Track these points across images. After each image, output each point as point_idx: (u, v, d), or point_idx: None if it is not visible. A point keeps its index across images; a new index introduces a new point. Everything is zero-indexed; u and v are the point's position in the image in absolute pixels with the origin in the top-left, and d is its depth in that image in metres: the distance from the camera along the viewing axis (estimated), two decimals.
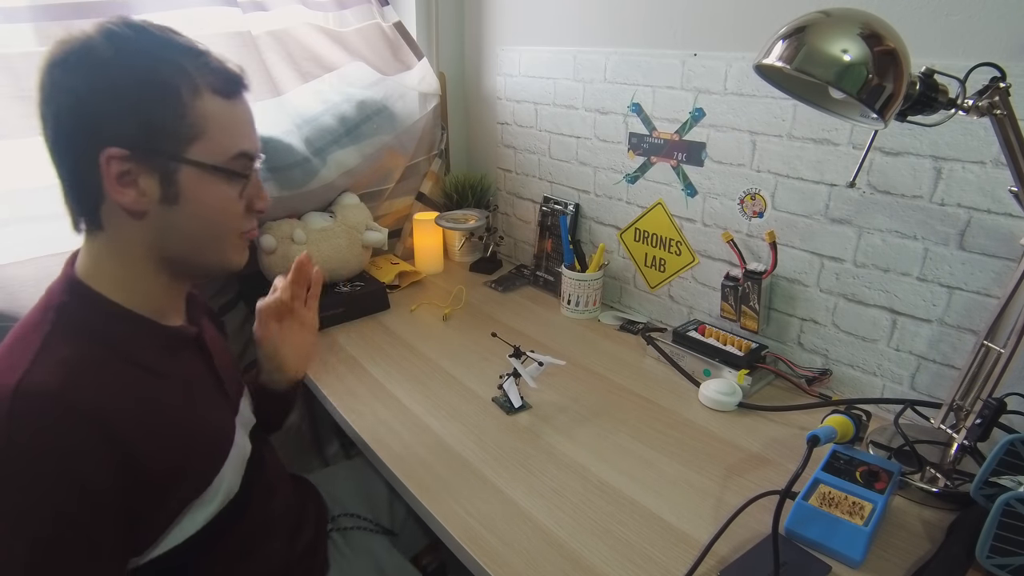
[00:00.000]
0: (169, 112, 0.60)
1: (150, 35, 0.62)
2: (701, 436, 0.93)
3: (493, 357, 1.14)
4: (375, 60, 1.39)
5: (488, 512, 0.78)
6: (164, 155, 0.61)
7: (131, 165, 0.60)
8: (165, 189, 0.62)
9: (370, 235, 1.34)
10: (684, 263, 1.22)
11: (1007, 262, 0.83)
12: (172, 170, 0.61)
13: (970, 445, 0.80)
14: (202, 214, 0.65)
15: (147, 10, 1.06)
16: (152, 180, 0.61)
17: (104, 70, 0.58)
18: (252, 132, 0.69)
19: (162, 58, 0.60)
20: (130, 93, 0.59)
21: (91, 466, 0.55)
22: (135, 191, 0.61)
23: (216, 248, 0.69)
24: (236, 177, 0.66)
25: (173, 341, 0.69)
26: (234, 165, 0.65)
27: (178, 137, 0.61)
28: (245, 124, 0.68)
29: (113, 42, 0.58)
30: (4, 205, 0.98)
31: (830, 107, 0.76)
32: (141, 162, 0.60)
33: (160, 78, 0.60)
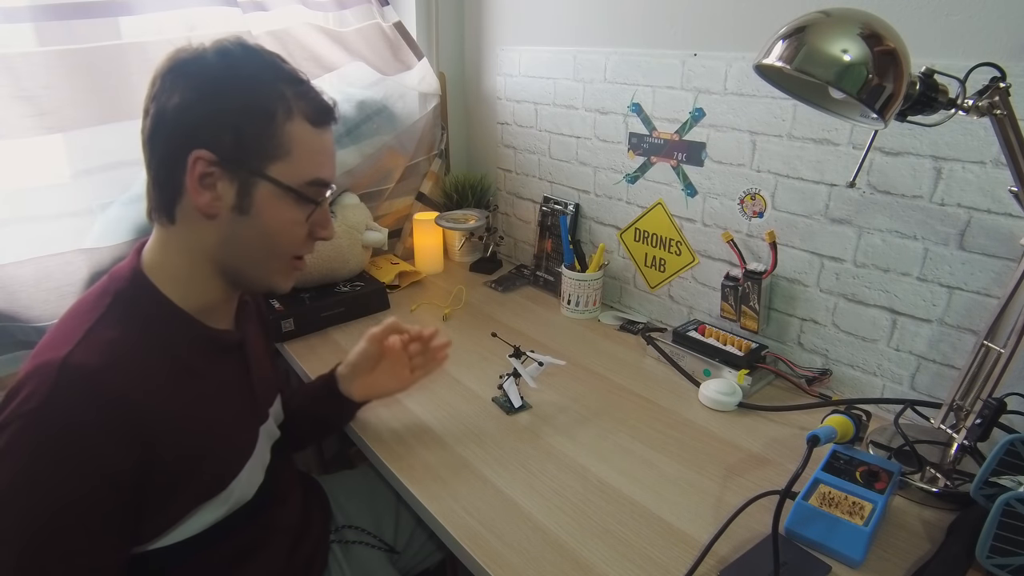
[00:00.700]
0: (261, 129, 0.64)
1: (259, 57, 0.66)
2: (701, 436, 0.93)
3: (493, 357, 1.14)
4: (375, 60, 1.39)
5: (488, 512, 0.78)
6: (247, 167, 0.64)
7: (215, 169, 0.63)
8: (240, 199, 0.65)
9: (370, 235, 1.34)
10: (684, 263, 1.22)
11: (1007, 262, 0.83)
12: (251, 182, 0.65)
13: (970, 445, 0.80)
14: (267, 229, 0.68)
15: (147, 10, 1.06)
16: (230, 187, 0.65)
17: (213, 82, 0.63)
18: (331, 163, 0.72)
19: (265, 80, 0.65)
20: (230, 106, 0.63)
21: (112, 446, 0.57)
22: (212, 194, 0.64)
23: (268, 265, 0.71)
24: (307, 202, 0.69)
25: (216, 345, 0.72)
26: (308, 190, 0.68)
27: (264, 154, 0.65)
28: (326, 154, 0.71)
29: (224, 58, 0.64)
30: (4, 205, 0.98)
31: (830, 107, 0.76)
32: (224, 169, 0.64)
33: (260, 98, 0.64)
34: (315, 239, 0.74)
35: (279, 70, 0.67)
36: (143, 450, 0.59)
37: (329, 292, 1.29)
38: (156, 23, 1.07)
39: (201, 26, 1.11)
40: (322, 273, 1.28)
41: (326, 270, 1.28)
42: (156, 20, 1.07)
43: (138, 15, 1.05)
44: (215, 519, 0.70)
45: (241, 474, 0.72)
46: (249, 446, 0.75)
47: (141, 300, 0.66)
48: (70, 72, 0.99)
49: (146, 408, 0.60)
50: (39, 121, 0.97)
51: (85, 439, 0.56)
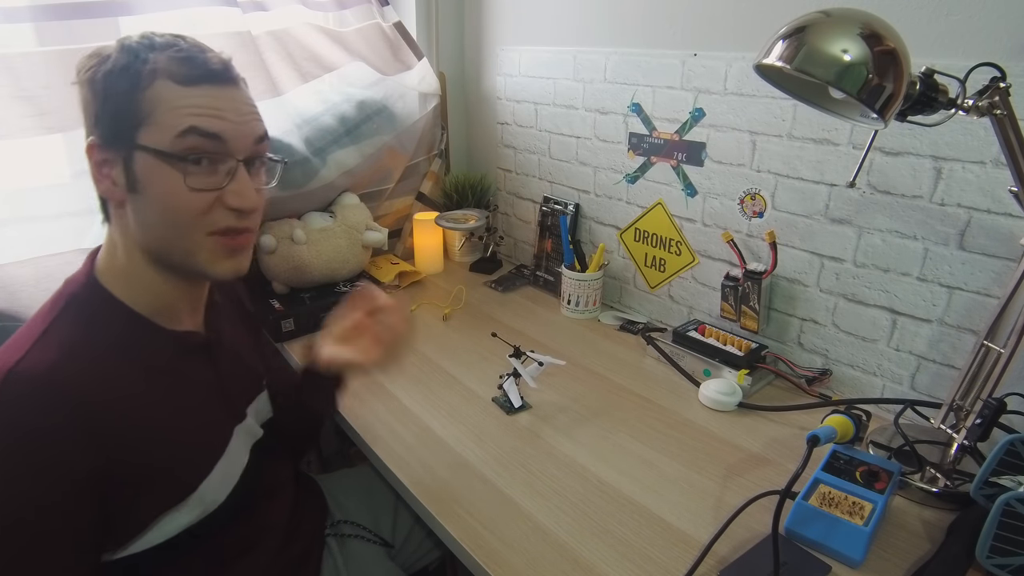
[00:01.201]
0: (125, 99, 0.62)
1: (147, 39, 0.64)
2: (701, 436, 0.93)
3: (493, 357, 1.14)
4: (375, 60, 1.39)
5: (488, 512, 0.78)
6: (121, 141, 0.62)
7: (104, 154, 0.63)
8: (128, 176, 0.63)
9: (370, 235, 1.34)
10: (684, 263, 1.22)
11: (1007, 262, 0.83)
12: (128, 157, 0.62)
13: (970, 445, 0.80)
14: (158, 204, 0.63)
15: (147, 10, 1.06)
16: (119, 168, 0.63)
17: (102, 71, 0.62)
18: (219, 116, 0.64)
19: (137, 55, 0.62)
20: (106, 88, 0.62)
21: (68, 450, 0.56)
22: (110, 180, 0.63)
23: (181, 245, 0.65)
24: (177, 160, 0.62)
25: (178, 346, 0.69)
26: (178, 146, 0.62)
27: (129, 123, 0.62)
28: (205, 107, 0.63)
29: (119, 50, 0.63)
30: (4, 205, 0.98)
31: (830, 107, 0.76)
32: (108, 150, 0.63)
33: (129, 72, 0.62)
34: (231, 209, 0.66)
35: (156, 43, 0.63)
36: (101, 453, 0.58)
37: (329, 292, 1.29)
38: (156, 23, 1.07)
39: (201, 26, 1.11)
40: (322, 273, 1.28)
41: (326, 270, 1.29)
42: (156, 20, 1.07)
43: (138, 15, 1.05)
44: (187, 523, 0.67)
45: (210, 477, 0.69)
46: (218, 448, 0.71)
47: (94, 303, 0.65)
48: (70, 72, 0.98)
49: (102, 410, 0.59)
50: (39, 121, 0.97)
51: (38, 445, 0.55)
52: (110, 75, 0.62)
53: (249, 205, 0.67)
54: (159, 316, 0.68)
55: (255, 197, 0.68)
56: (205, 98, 0.63)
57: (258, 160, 0.70)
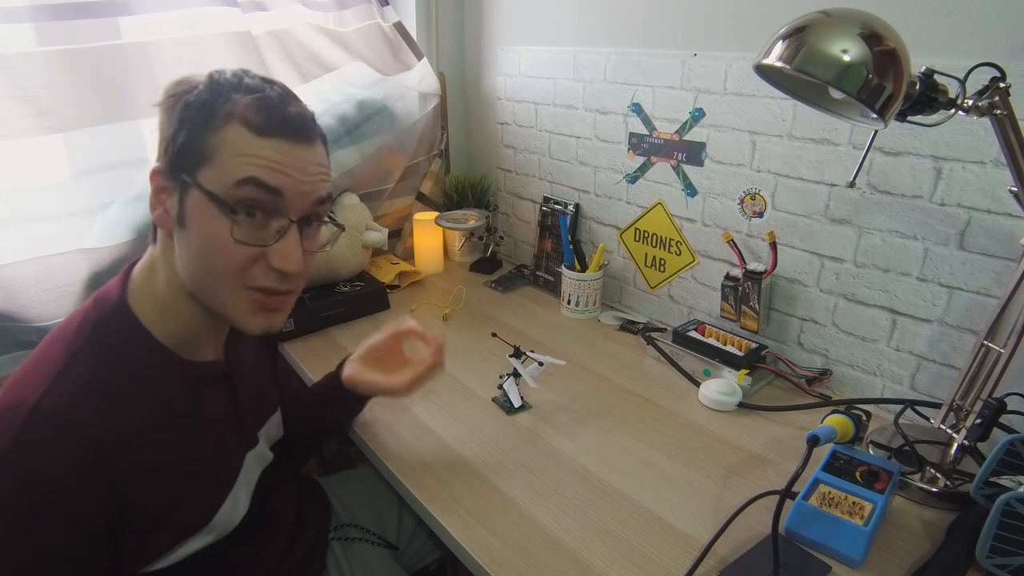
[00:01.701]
0: (198, 137, 0.60)
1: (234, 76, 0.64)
2: (701, 436, 0.93)
3: (493, 357, 1.14)
4: (375, 60, 1.39)
5: (488, 512, 0.78)
6: (181, 175, 0.61)
7: (164, 183, 0.62)
8: (179, 209, 0.62)
9: (370, 235, 1.34)
10: (684, 263, 1.22)
11: (1007, 262, 0.83)
12: (185, 190, 0.61)
13: (970, 445, 0.80)
14: (199, 246, 0.62)
15: (147, 10, 1.06)
16: (174, 198, 0.62)
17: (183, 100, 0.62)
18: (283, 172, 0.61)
19: (221, 90, 0.62)
20: (184, 118, 0.61)
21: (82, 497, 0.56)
22: (163, 208, 0.63)
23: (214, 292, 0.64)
24: (228, 209, 0.60)
25: (196, 379, 0.68)
26: (232, 195, 0.60)
27: (193, 159, 0.60)
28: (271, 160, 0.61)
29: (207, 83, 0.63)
30: (4, 205, 0.98)
31: (830, 107, 0.76)
32: (170, 180, 0.62)
33: (205, 106, 0.61)
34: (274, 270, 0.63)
35: (242, 83, 0.62)
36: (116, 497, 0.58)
37: (329, 292, 1.29)
38: (156, 23, 1.07)
39: (201, 26, 1.11)
40: (322, 273, 1.28)
41: (326, 270, 1.28)
42: (156, 20, 1.07)
43: (138, 15, 1.05)
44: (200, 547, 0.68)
45: (223, 508, 0.69)
46: (232, 477, 0.72)
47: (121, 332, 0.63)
48: (70, 72, 0.99)
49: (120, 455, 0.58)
50: (39, 121, 0.97)
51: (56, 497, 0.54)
52: (190, 107, 0.61)
53: (293, 269, 0.64)
54: (184, 348, 0.67)
55: (300, 261, 0.65)
56: (273, 151, 0.61)
57: (316, 221, 0.68)
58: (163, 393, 0.64)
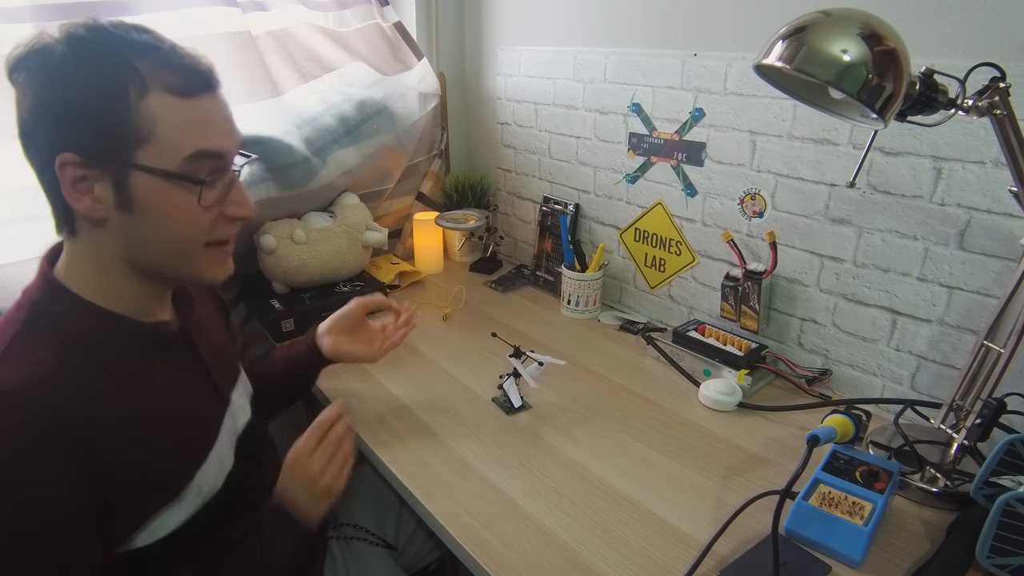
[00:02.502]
0: (116, 114, 0.57)
1: (108, 35, 0.58)
2: (701, 436, 0.93)
3: (493, 357, 1.14)
4: (375, 60, 1.39)
5: (488, 512, 0.78)
6: (114, 160, 0.58)
7: (85, 171, 0.58)
8: (119, 196, 0.59)
9: (370, 235, 1.34)
10: (684, 263, 1.22)
11: (1007, 262, 0.83)
12: (123, 176, 0.59)
13: (970, 445, 0.80)
14: (161, 224, 0.61)
15: (147, 10, 1.06)
16: (106, 186, 0.59)
17: (58, 72, 0.56)
18: (219, 131, 0.63)
19: (114, 58, 0.57)
20: (81, 96, 0.56)
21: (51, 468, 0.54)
22: (90, 198, 0.59)
23: (183, 259, 0.65)
24: (190, 182, 0.61)
25: (153, 339, 0.67)
26: (189, 168, 0.60)
27: (125, 141, 0.58)
28: (207, 123, 0.62)
29: (69, 44, 0.57)
30: (4, 205, 0.98)
31: (830, 107, 0.76)
32: (93, 168, 0.58)
33: (109, 79, 0.57)
34: (232, 219, 0.66)
35: (131, 42, 0.58)
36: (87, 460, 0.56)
37: (329, 292, 1.29)
38: (156, 23, 1.06)
39: (201, 26, 1.11)
40: (322, 273, 1.28)
41: (326, 270, 1.28)
42: (156, 20, 1.07)
43: (138, 15, 1.05)
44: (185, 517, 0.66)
45: (205, 465, 0.68)
46: (211, 435, 0.70)
47: (59, 307, 0.61)
48: None
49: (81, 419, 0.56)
50: None
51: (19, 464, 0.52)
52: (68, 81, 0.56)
53: (249, 211, 0.67)
54: (135, 313, 0.66)
55: (251, 201, 0.68)
56: (205, 111, 0.62)
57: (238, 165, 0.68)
58: (116, 359, 0.62)
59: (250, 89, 1.18)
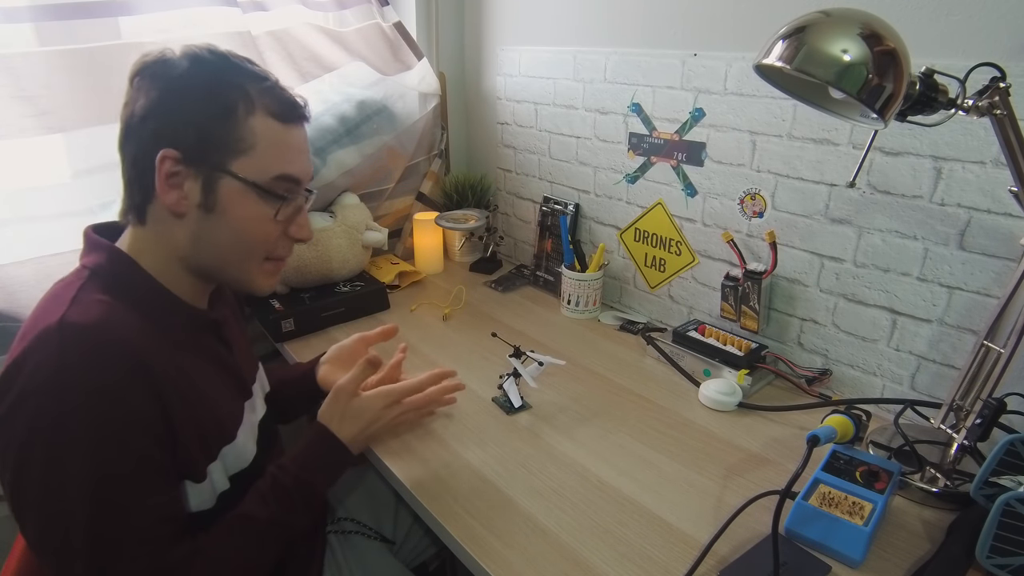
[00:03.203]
0: (222, 125, 0.65)
1: (224, 59, 0.67)
2: (701, 436, 0.93)
3: (493, 357, 1.14)
4: (375, 60, 1.39)
5: (488, 512, 0.78)
6: (209, 163, 0.65)
7: (180, 168, 0.65)
8: (205, 196, 0.66)
9: (370, 235, 1.34)
10: (684, 263, 1.22)
11: (1007, 262, 0.83)
12: (214, 179, 0.66)
13: (970, 445, 0.80)
14: (234, 227, 0.68)
15: (147, 10, 1.06)
16: (196, 185, 0.66)
17: (177, 81, 0.64)
18: (301, 160, 0.72)
19: (227, 78, 0.66)
20: (194, 104, 0.64)
21: (138, 399, 0.59)
22: (179, 192, 0.66)
23: (243, 265, 0.72)
24: (273, 197, 0.69)
25: (196, 322, 0.73)
26: (274, 186, 0.69)
27: (226, 149, 0.65)
28: (295, 151, 0.71)
29: (189, 60, 0.65)
30: (4, 205, 0.98)
31: (830, 107, 0.76)
32: (189, 166, 0.65)
33: (221, 93, 0.65)
34: (292, 240, 0.74)
35: (243, 69, 0.68)
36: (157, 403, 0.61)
37: (329, 292, 1.29)
38: (156, 23, 1.07)
39: (201, 26, 1.11)
40: (322, 273, 1.28)
41: (326, 270, 1.28)
42: (156, 20, 1.07)
43: (138, 15, 1.05)
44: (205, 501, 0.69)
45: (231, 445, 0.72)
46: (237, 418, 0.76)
47: (119, 269, 0.67)
48: (70, 72, 0.99)
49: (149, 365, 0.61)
50: (39, 121, 0.97)
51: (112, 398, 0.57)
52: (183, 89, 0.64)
53: (308, 236, 0.76)
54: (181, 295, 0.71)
55: (311, 229, 0.77)
56: (296, 139, 0.71)
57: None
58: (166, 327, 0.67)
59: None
